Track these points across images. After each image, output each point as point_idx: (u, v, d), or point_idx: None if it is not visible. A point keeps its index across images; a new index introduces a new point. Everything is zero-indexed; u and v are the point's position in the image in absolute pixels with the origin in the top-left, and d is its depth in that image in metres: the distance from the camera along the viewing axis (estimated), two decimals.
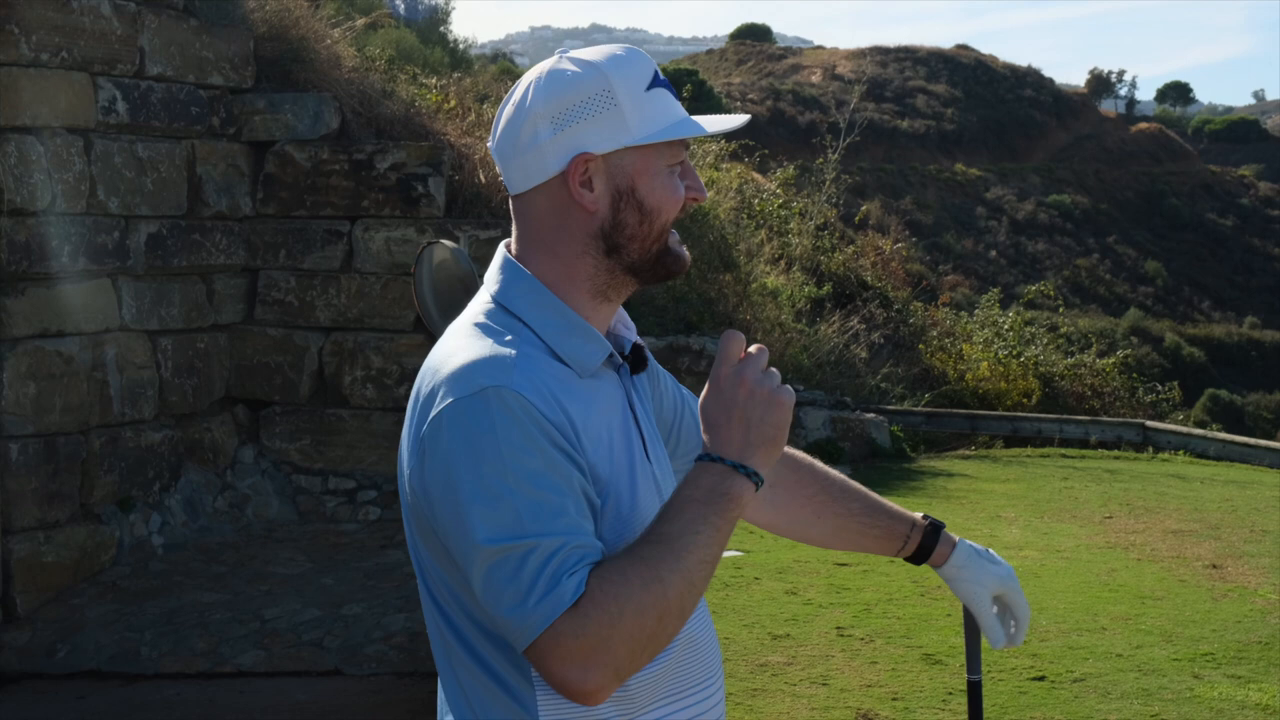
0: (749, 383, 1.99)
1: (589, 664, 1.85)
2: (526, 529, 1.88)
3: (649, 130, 2.07)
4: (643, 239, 2.11)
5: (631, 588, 1.87)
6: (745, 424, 1.99)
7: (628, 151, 2.08)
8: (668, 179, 2.11)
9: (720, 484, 1.96)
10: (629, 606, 1.86)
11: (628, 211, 2.10)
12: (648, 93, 2.09)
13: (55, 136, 8.69)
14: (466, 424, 1.93)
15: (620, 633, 1.86)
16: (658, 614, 1.88)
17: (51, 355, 8.57)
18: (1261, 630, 7.12)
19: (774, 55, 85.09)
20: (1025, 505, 10.60)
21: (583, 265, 2.12)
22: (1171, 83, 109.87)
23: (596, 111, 2.07)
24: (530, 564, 1.86)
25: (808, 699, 6.23)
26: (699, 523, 1.93)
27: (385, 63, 12.08)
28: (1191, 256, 70.11)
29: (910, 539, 2.59)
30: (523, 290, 2.11)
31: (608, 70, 2.08)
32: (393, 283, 10.27)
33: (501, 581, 1.88)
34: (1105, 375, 18.02)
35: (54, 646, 7.77)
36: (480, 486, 1.90)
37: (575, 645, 1.85)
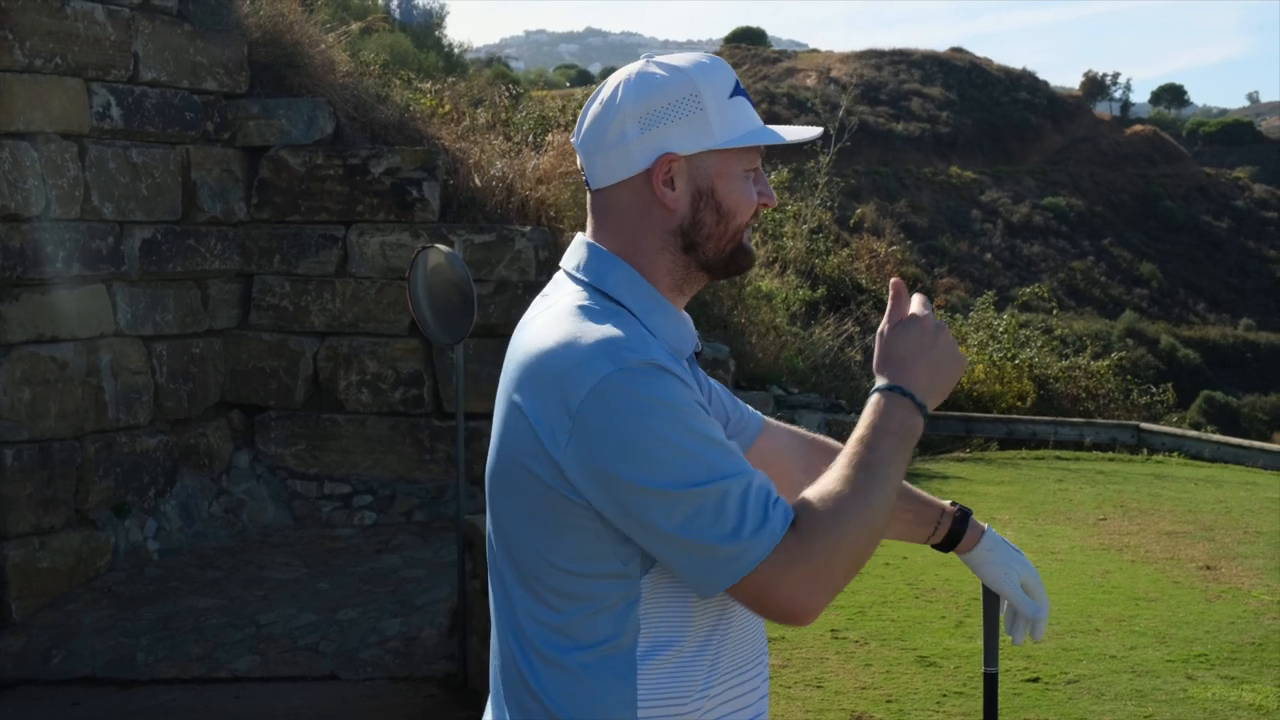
0: (948, 335, 2.17)
1: (815, 585, 1.98)
2: (715, 471, 1.97)
3: (730, 135, 2.17)
4: (718, 238, 2.21)
5: (848, 514, 2.00)
6: (934, 368, 2.15)
7: (709, 154, 2.18)
8: (744, 183, 2.20)
9: (909, 419, 2.11)
10: (848, 531, 1.99)
11: (706, 211, 2.19)
12: (730, 100, 2.19)
13: (49, 142, 8.70)
14: (630, 391, 1.99)
15: (842, 554, 1.99)
16: (868, 537, 2.02)
17: (46, 361, 8.58)
18: (1255, 631, 7.14)
19: (769, 58, 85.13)
20: (1020, 507, 10.61)
21: (662, 260, 2.20)
22: (1166, 85, 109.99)
23: (683, 114, 2.17)
24: (730, 501, 1.96)
25: (802, 701, 6.24)
26: (894, 452, 2.07)
27: (380, 67, 12.09)
28: (1186, 259, 70.16)
29: (940, 525, 2.64)
30: (620, 276, 2.18)
31: (695, 76, 2.18)
32: (388, 287, 10.27)
33: (707, 522, 1.96)
34: (1100, 377, 18.05)
35: (49, 652, 7.77)
36: (661, 443, 1.97)
37: (803, 568, 1.97)
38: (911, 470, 12.42)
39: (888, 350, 2.17)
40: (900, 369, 2.14)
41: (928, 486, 11.48)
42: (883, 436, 2.07)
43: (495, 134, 12.11)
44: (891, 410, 2.10)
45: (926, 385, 2.14)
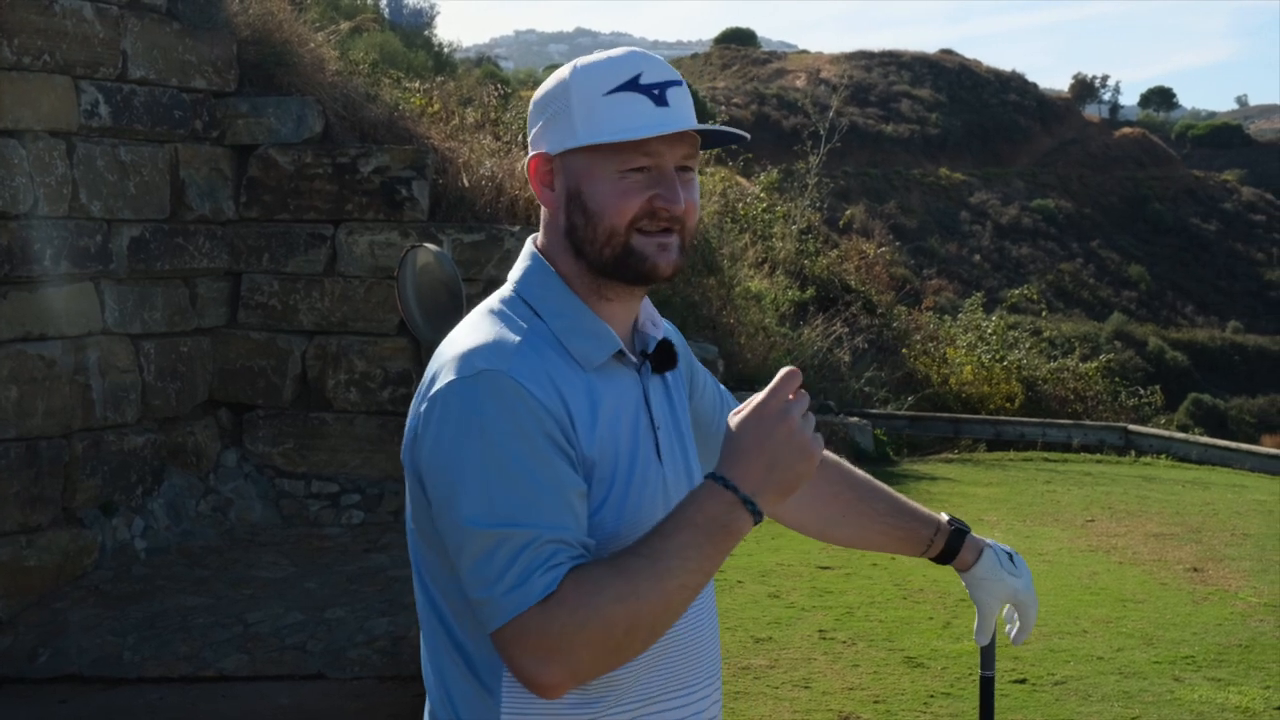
0: (793, 425, 1.96)
1: (548, 660, 1.88)
2: (501, 516, 1.91)
3: (593, 133, 2.09)
4: (592, 241, 2.12)
5: (605, 598, 1.88)
6: (773, 463, 1.95)
7: (579, 154, 2.12)
8: (616, 183, 2.10)
9: (725, 514, 1.93)
10: (597, 616, 1.87)
11: (575, 213, 2.14)
12: (608, 96, 2.10)
13: (37, 140, 8.67)
14: (459, 406, 1.97)
15: (584, 639, 1.87)
16: (626, 628, 1.89)
17: (33, 359, 8.56)
18: (1242, 633, 7.15)
19: (758, 60, 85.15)
20: (1008, 508, 10.63)
21: (566, 263, 2.17)
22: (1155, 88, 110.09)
23: (553, 115, 2.15)
24: (502, 553, 1.90)
25: (790, 702, 6.24)
26: (691, 548, 1.92)
27: (369, 66, 12.08)
28: (1175, 261, 70.28)
29: (934, 543, 2.61)
30: (533, 278, 2.17)
31: (572, 75, 2.14)
32: (376, 286, 10.26)
33: (477, 564, 1.92)
34: (1088, 379, 18.08)
35: (35, 651, 7.75)
36: (465, 469, 1.94)
37: (537, 641, 1.88)
38: (899, 472, 12.43)
39: (728, 439, 1.99)
40: (735, 462, 1.96)
41: (916, 487, 11.50)
42: (683, 527, 1.92)
43: (484, 133, 12.11)
44: (704, 502, 1.94)
45: (759, 480, 1.94)
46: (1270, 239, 73.99)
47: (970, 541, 2.62)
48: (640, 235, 2.11)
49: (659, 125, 2.07)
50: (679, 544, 1.91)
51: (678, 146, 2.11)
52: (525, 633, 1.88)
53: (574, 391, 2.05)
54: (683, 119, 2.11)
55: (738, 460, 1.96)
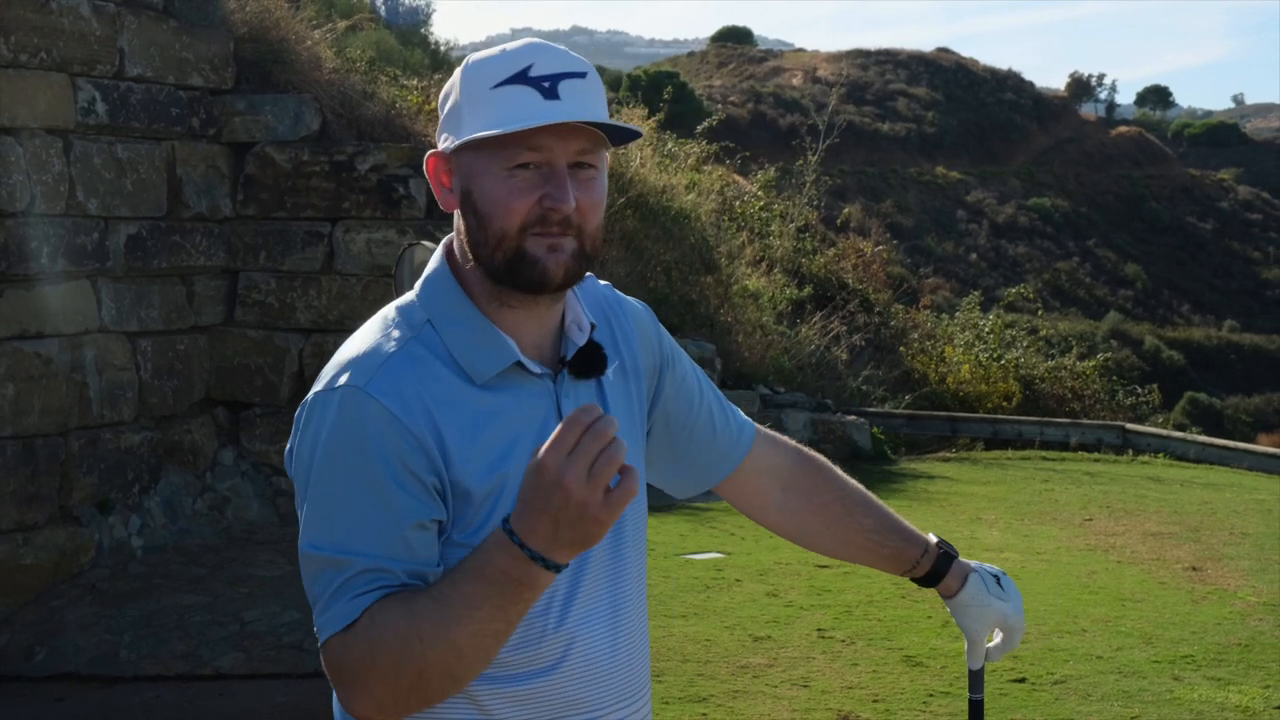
0: (568, 490, 1.75)
1: (351, 689, 1.90)
2: (329, 542, 1.91)
3: (478, 127, 1.98)
4: (483, 244, 2.01)
5: (388, 638, 1.85)
6: (557, 524, 1.78)
7: (468, 152, 2.01)
8: (504, 181, 1.98)
9: (515, 569, 1.81)
10: (382, 654, 1.86)
11: (469, 215, 2.03)
12: (495, 90, 1.99)
13: (34, 137, 8.65)
14: (315, 419, 1.96)
15: (375, 674, 1.87)
16: (415, 670, 1.85)
17: (30, 357, 8.54)
18: (1241, 632, 7.14)
19: (755, 58, 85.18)
20: (1005, 507, 10.62)
21: (472, 268, 2.06)
22: (1151, 86, 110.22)
23: (447, 112, 2.06)
24: (323, 578, 1.91)
25: (789, 701, 6.23)
26: (481, 600, 1.82)
27: (366, 64, 12.06)
28: (1171, 260, 70.34)
29: (920, 564, 2.52)
30: (429, 284, 2.08)
31: (463, 70, 2.05)
32: (374, 284, 10.24)
33: (307, 586, 1.94)
34: (1085, 378, 18.08)
35: (32, 649, 7.73)
36: (306, 482, 1.95)
37: (340, 667, 1.90)
38: (896, 471, 12.43)
39: (520, 492, 1.81)
40: (523, 517, 1.79)
41: (913, 486, 11.49)
42: (472, 578, 1.83)
43: None
44: (494, 556, 1.82)
45: (547, 538, 1.79)
46: (1266, 238, 74.07)
47: (957, 567, 2.51)
48: (533, 238, 1.99)
49: (541, 116, 1.94)
50: (467, 594, 1.83)
51: (570, 141, 1.98)
52: (329, 658, 1.91)
53: (451, 411, 1.95)
54: (571, 111, 1.96)
55: (525, 514, 1.80)
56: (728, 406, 2.45)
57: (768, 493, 2.46)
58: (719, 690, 6.37)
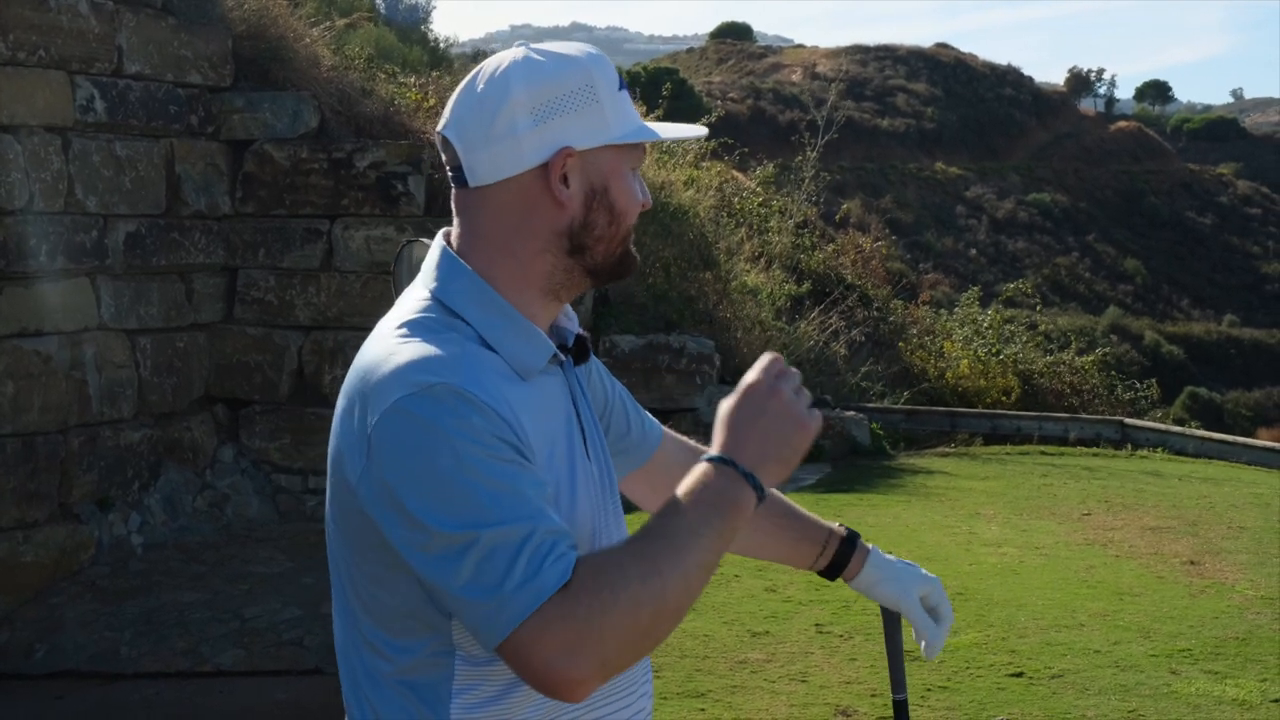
0: (783, 397, 1.95)
1: (576, 651, 1.77)
2: (489, 517, 1.79)
3: (625, 130, 2.02)
4: (609, 240, 2.06)
5: (628, 578, 1.80)
6: (766, 436, 1.93)
7: (604, 151, 2.02)
8: (632, 182, 2.07)
9: (730, 489, 1.89)
10: (624, 597, 1.79)
11: (599, 211, 2.04)
12: (620, 93, 2.05)
13: (33, 135, 8.66)
14: (419, 419, 1.84)
15: (612, 623, 1.78)
16: (653, 610, 1.81)
17: (30, 354, 8.55)
18: (1239, 626, 7.15)
19: (754, 54, 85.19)
20: (1004, 502, 10.62)
21: (541, 263, 2.05)
22: (1150, 81, 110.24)
23: (579, 106, 2.00)
24: (501, 553, 1.78)
25: (787, 696, 6.24)
26: (703, 524, 1.86)
27: (364, 61, 12.06)
28: (1170, 255, 70.36)
29: (828, 546, 2.55)
30: (463, 286, 2.03)
31: (589, 65, 2.03)
32: (372, 281, 10.25)
33: (476, 573, 1.79)
34: (1084, 373, 18.06)
35: (32, 646, 7.75)
36: (438, 478, 1.82)
37: (562, 632, 1.77)
38: (895, 466, 12.43)
39: (721, 421, 1.96)
40: (733, 438, 1.93)
41: (912, 482, 11.49)
42: (693, 505, 1.87)
43: None
44: (709, 479, 1.90)
45: (756, 454, 1.91)
46: (1266, 232, 74.10)
47: (862, 546, 2.56)
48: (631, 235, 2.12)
49: (656, 128, 2.07)
50: (691, 522, 1.86)
51: None
52: (546, 626, 1.77)
53: (515, 401, 1.95)
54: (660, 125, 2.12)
55: (733, 435, 1.93)
56: (638, 408, 2.48)
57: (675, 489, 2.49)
58: (717, 685, 6.38)
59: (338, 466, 2.00)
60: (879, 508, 10.18)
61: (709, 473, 1.91)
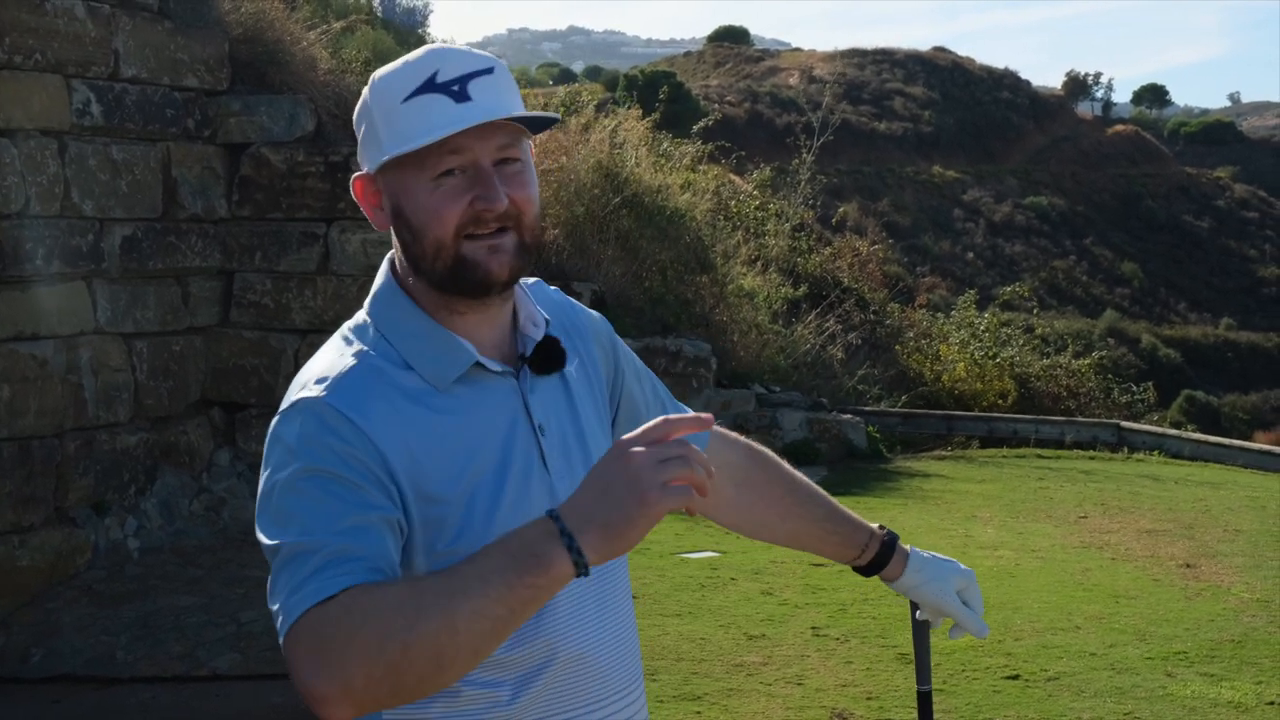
0: (632, 463, 1.77)
1: (318, 667, 1.75)
2: (296, 531, 1.86)
3: (395, 144, 1.99)
4: (422, 256, 2.04)
5: (384, 606, 1.75)
6: (598, 496, 1.77)
7: (392, 169, 2.02)
8: (432, 193, 2.00)
9: (538, 543, 1.76)
10: (372, 623, 1.74)
11: (403, 231, 2.06)
12: (405, 103, 2.00)
13: (29, 139, 8.66)
14: (278, 433, 1.98)
15: (355, 648, 1.74)
16: (402, 646, 1.73)
17: (25, 358, 8.54)
18: (1234, 629, 7.16)
19: (751, 57, 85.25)
20: (1001, 505, 10.63)
21: (415, 281, 2.10)
22: (1147, 85, 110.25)
23: (364, 130, 2.07)
24: (292, 564, 1.84)
25: (783, 699, 6.25)
26: (494, 574, 1.75)
27: (361, 65, 12.05)
28: (1168, 258, 70.42)
29: (868, 548, 2.57)
30: (384, 300, 2.11)
31: (372, 89, 2.06)
32: (369, 285, 10.19)
33: (273, 579, 1.87)
34: (1081, 376, 18.10)
35: (28, 651, 7.74)
36: (273, 488, 1.92)
37: (309, 644, 1.77)
38: (892, 469, 12.44)
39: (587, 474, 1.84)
40: (574, 495, 1.81)
41: (909, 485, 11.50)
42: (497, 552, 1.78)
43: None
44: (526, 530, 1.79)
45: (585, 512, 1.77)
46: (1263, 236, 74.17)
47: (900, 549, 2.58)
48: (470, 241, 2.01)
49: (456, 121, 1.96)
50: (482, 568, 1.76)
51: (490, 139, 2.00)
52: (299, 637, 1.78)
53: (415, 419, 1.96)
54: (486, 110, 1.98)
55: (574, 495, 1.80)
56: (680, 407, 2.48)
57: (722, 489, 2.49)
58: (714, 688, 6.38)
59: None
60: (875, 511, 10.18)
61: (531, 524, 1.80)
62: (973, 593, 2.60)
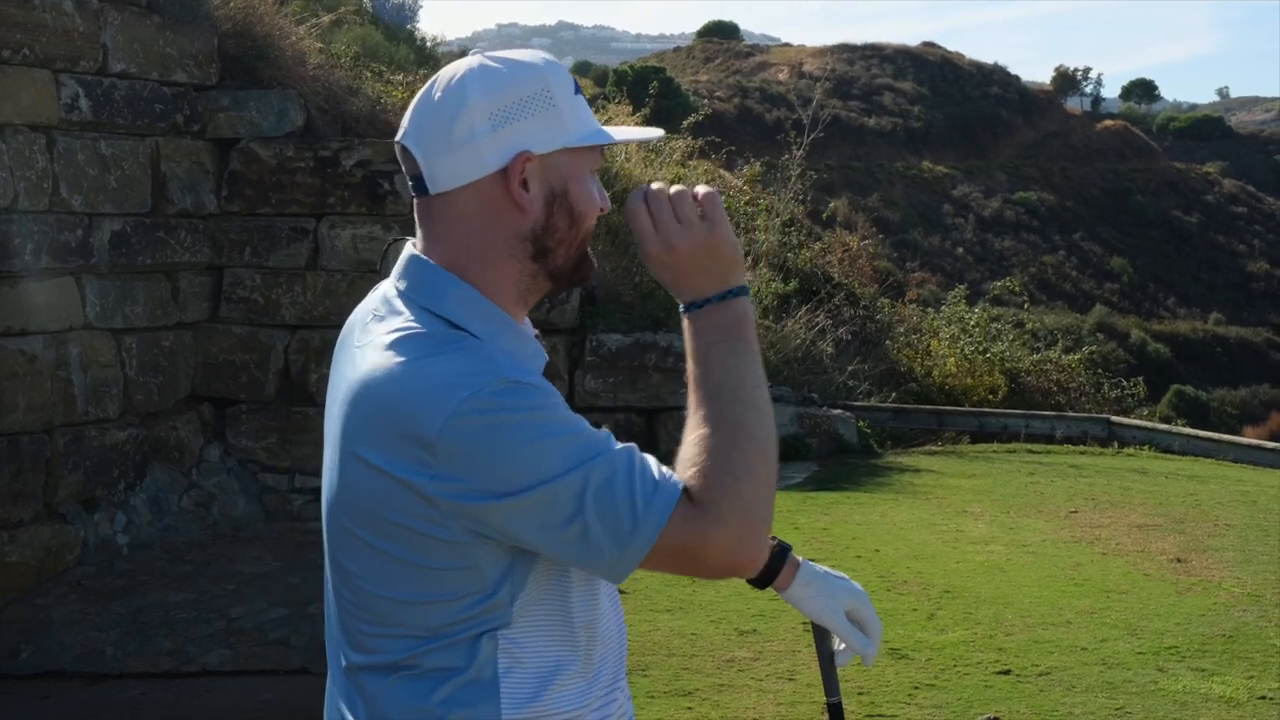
0: (681, 249, 2.03)
1: (743, 533, 1.91)
2: (596, 447, 1.90)
3: (582, 133, 2.05)
4: (569, 243, 2.07)
5: (726, 451, 1.92)
6: (704, 271, 2.03)
7: (562, 154, 2.04)
8: (591, 185, 2.09)
9: (724, 316, 2.02)
10: (754, 460, 1.92)
11: (560, 215, 2.05)
12: (575, 97, 2.07)
13: (17, 134, 8.64)
14: (491, 412, 1.87)
15: (752, 489, 1.91)
16: (760, 454, 1.94)
17: (14, 354, 8.52)
18: (1225, 623, 7.16)
19: (741, 53, 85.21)
20: (991, 500, 10.63)
21: (508, 269, 2.06)
22: (1137, 80, 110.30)
23: (537, 110, 2.02)
24: (620, 470, 1.90)
25: (774, 694, 6.24)
26: (730, 357, 1.99)
27: (351, 60, 12.04)
28: (1157, 253, 70.48)
29: None
30: (459, 298, 2.03)
31: (545, 71, 2.05)
32: (359, 280, 10.24)
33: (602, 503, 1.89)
34: (1071, 371, 18.11)
35: (18, 647, 7.72)
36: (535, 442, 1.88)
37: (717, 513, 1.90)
38: (883, 465, 12.43)
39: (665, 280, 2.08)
40: (683, 289, 2.06)
41: (899, 480, 11.50)
42: (708, 354, 2.01)
43: None
44: (703, 325, 2.03)
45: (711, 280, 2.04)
46: (1251, 231, 74.27)
47: (791, 558, 2.55)
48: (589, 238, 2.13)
49: (613, 131, 2.10)
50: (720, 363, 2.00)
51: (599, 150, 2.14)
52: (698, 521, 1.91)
53: None
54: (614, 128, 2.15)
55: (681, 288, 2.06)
56: None
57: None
58: (705, 684, 6.37)
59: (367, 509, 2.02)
60: (866, 506, 10.18)
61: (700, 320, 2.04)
62: (865, 614, 2.57)
